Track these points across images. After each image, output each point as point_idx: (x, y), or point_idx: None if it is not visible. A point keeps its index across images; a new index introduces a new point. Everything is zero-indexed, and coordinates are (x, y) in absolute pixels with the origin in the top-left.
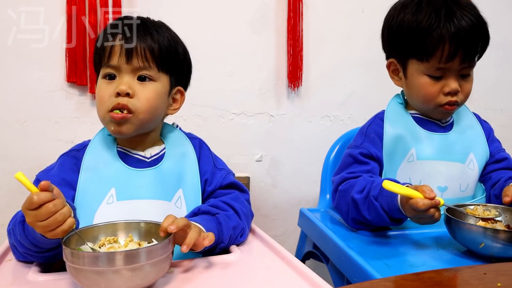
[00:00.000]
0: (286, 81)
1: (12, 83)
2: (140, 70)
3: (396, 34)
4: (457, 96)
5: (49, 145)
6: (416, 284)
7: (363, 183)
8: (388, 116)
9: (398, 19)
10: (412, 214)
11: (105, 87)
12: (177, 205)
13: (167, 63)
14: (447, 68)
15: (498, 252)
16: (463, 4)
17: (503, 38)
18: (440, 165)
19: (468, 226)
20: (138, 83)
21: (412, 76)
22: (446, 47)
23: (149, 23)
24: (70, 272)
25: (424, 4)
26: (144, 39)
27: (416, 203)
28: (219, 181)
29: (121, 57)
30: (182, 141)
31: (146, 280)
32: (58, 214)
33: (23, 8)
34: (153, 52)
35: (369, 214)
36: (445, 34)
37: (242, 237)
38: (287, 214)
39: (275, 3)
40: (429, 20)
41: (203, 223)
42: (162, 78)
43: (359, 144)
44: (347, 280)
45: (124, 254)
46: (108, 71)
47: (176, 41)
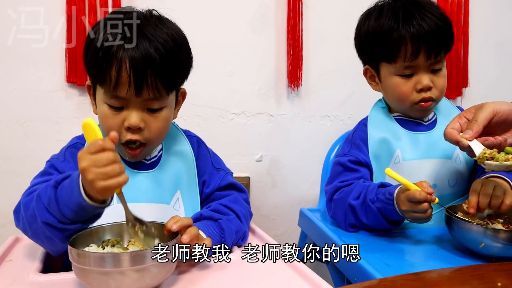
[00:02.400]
0: (286, 81)
1: (12, 83)
2: (151, 101)
3: (364, 41)
4: (431, 92)
5: (49, 145)
6: (416, 284)
7: (359, 189)
8: (371, 121)
9: (365, 27)
10: (407, 208)
11: (112, 116)
12: (176, 207)
13: (177, 82)
14: (415, 65)
15: (498, 252)
16: (423, 4)
17: (503, 38)
18: (426, 164)
19: (468, 226)
20: (148, 114)
21: (385, 78)
22: (408, 46)
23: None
24: (76, 273)
25: (385, 10)
26: (153, 63)
27: (413, 193)
28: (217, 183)
29: (130, 89)
30: (179, 139)
31: (153, 281)
32: (117, 165)
33: (23, 8)
34: (165, 82)
35: (367, 218)
36: (404, 34)
37: (243, 240)
38: (287, 214)
39: (275, 3)
40: (389, 22)
41: (204, 229)
42: (170, 98)
43: (346, 152)
44: (347, 280)
45: (130, 255)
46: (115, 103)
47: (180, 47)
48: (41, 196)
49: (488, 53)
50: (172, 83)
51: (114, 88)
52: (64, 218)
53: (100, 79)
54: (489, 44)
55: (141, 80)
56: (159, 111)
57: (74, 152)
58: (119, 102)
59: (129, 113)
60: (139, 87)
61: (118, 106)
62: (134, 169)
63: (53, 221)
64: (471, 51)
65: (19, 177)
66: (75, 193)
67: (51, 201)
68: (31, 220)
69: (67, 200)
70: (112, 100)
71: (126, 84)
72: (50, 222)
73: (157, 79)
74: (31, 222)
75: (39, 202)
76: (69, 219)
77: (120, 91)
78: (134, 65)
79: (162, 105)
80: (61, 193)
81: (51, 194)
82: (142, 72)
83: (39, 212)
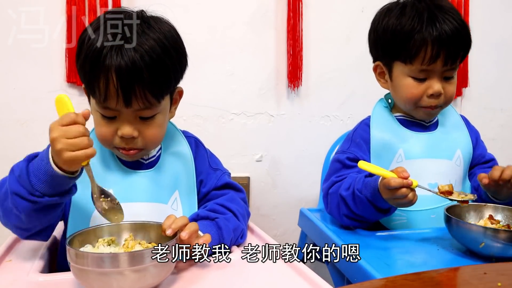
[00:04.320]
0: (286, 81)
1: (12, 83)
2: (142, 111)
3: (381, 38)
4: (440, 99)
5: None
6: (416, 284)
7: (349, 181)
8: (374, 121)
9: (383, 23)
10: (388, 196)
11: (105, 124)
12: (173, 207)
13: (168, 89)
14: (430, 70)
15: (498, 252)
16: (446, 8)
17: (503, 38)
18: (428, 163)
19: (468, 226)
20: (141, 123)
21: (397, 78)
22: (428, 49)
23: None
24: (74, 273)
25: (408, 8)
26: (139, 75)
27: (388, 181)
28: (214, 182)
29: (119, 102)
30: (178, 139)
31: (151, 282)
32: (86, 138)
33: (23, 8)
34: (154, 92)
35: (357, 208)
36: (427, 37)
37: (242, 238)
38: (287, 214)
39: (275, 3)
40: (412, 23)
41: (202, 228)
42: (163, 103)
43: (345, 149)
44: (347, 280)
45: (128, 255)
46: (107, 113)
47: (168, 52)
48: (14, 170)
49: (488, 53)
50: (162, 92)
51: (103, 101)
52: (33, 189)
53: (90, 91)
54: (489, 44)
55: (129, 92)
56: (152, 118)
57: None
58: (111, 112)
59: (121, 123)
60: (127, 99)
61: (110, 116)
62: (132, 169)
63: (23, 192)
64: (471, 51)
65: None
66: (44, 163)
67: (22, 172)
68: (3, 197)
69: (37, 170)
70: (104, 110)
71: (114, 97)
72: (21, 193)
73: (145, 90)
74: (2, 199)
75: (11, 176)
76: (38, 191)
77: (109, 104)
78: (120, 78)
79: (154, 113)
80: (32, 165)
81: (23, 166)
82: (129, 85)
83: (11, 184)
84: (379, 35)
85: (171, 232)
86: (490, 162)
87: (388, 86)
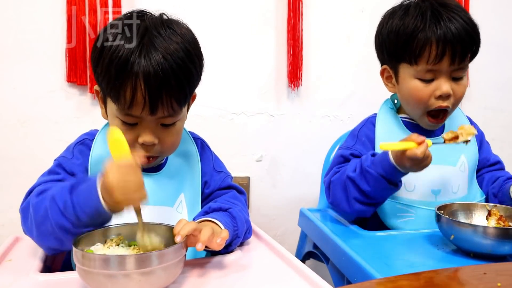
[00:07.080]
0: (286, 81)
1: (12, 83)
2: (165, 118)
3: (386, 40)
4: (448, 101)
5: (49, 145)
6: (416, 284)
7: (353, 164)
8: (380, 122)
9: (388, 25)
10: (412, 165)
11: (125, 131)
12: (178, 210)
13: (190, 95)
14: (437, 70)
15: (474, 248)
16: (452, 7)
17: (503, 38)
18: (432, 169)
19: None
20: (162, 129)
21: (403, 80)
22: (432, 48)
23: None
24: (80, 274)
25: (411, 9)
26: (167, 82)
27: (414, 154)
28: (218, 183)
29: (145, 110)
30: (186, 140)
31: (158, 285)
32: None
33: (23, 8)
34: (180, 100)
35: (368, 185)
36: (430, 35)
37: (249, 233)
38: (287, 214)
39: (275, 3)
40: (415, 22)
41: (218, 218)
42: (184, 110)
43: (350, 146)
44: (347, 280)
45: (136, 258)
46: (128, 120)
47: (193, 59)
48: (56, 200)
49: (489, 53)
50: (186, 98)
51: (128, 108)
52: (79, 222)
53: (114, 97)
54: (489, 44)
55: (156, 100)
56: (172, 125)
57: (82, 149)
58: (133, 119)
59: (143, 130)
60: (154, 107)
61: (132, 123)
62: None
63: (69, 225)
64: None
65: (19, 177)
66: (94, 200)
67: (67, 205)
68: (40, 221)
69: (83, 205)
70: (126, 117)
71: (141, 104)
72: (66, 226)
73: (172, 97)
74: (40, 223)
75: (53, 206)
76: (83, 223)
77: (134, 111)
78: (149, 86)
79: (175, 120)
80: (78, 199)
81: (67, 199)
82: (158, 92)
83: (54, 216)
84: (384, 38)
85: (180, 239)
86: (496, 164)
87: (395, 90)
